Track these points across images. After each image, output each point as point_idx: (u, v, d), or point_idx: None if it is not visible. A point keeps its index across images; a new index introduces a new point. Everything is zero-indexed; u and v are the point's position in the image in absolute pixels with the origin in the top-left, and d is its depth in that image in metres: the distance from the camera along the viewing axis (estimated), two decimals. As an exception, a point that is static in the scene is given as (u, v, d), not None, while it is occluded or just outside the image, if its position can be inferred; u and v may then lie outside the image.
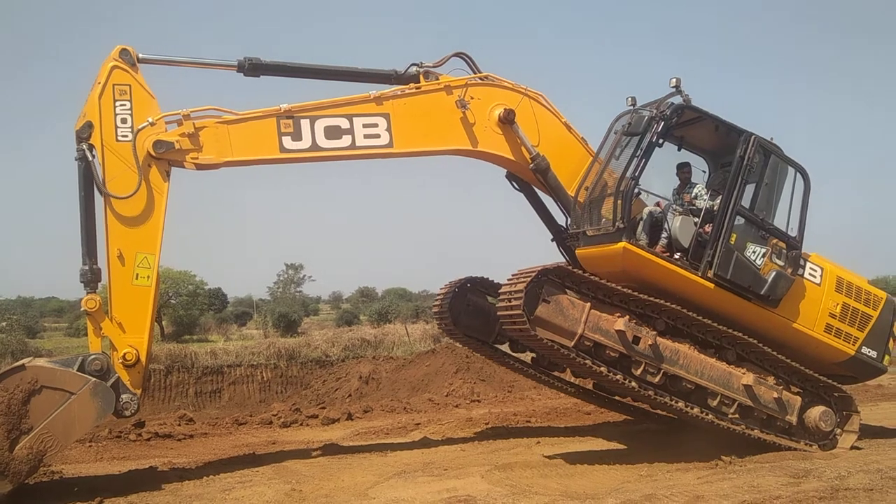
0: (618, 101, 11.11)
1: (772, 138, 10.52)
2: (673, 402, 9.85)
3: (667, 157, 10.89)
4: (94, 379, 8.64)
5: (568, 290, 9.48)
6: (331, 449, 11.67)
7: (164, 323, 39.98)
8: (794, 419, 10.30)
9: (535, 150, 10.72)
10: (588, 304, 9.46)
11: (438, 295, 12.78)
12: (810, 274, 10.72)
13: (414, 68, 10.69)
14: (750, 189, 10.31)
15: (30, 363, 8.68)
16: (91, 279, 8.98)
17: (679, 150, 11.18)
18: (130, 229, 9.04)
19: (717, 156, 11.39)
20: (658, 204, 10.69)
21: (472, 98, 10.53)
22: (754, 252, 10.18)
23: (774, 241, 10.36)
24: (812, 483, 8.42)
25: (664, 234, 10.34)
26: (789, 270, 10.36)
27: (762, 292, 10.16)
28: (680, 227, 10.26)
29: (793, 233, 10.47)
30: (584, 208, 10.68)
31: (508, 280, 9.58)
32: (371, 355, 23.03)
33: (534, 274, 9.17)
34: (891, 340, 11.15)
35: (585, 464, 10.00)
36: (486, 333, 12.51)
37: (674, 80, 10.12)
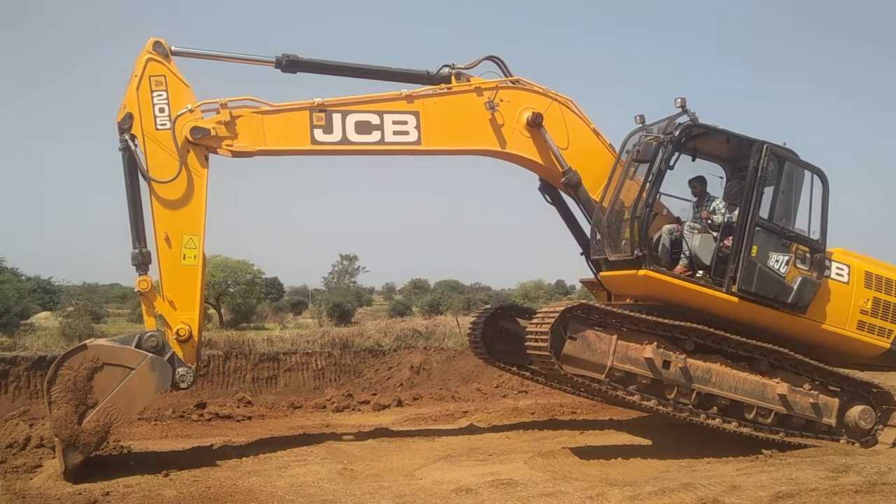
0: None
1: (785, 143, 10.45)
2: (709, 420, 9.89)
3: (685, 165, 10.86)
4: (151, 354, 9.17)
5: (593, 325, 9.51)
6: (381, 433, 12.12)
7: (222, 310, 41.00)
8: (833, 421, 10.31)
9: (566, 164, 10.83)
10: (615, 336, 9.51)
11: (470, 325, 13.05)
12: (837, 273, 10.65)
13: (446, 69, 10.95)
14: (767, 198, 10.22)
15: (91, 343, 9.23)
16: (142, 262, 9.50)
17: (693, 160, 11.08)
18: (174, 212, 9.50)
19: (733, 161, 11.30)
20: (677, 219, 10.76)
21: (501, 101, 10.71)
22: (777, 261, 10.12)
23: (797, 246, 10.26)
24: (850, 477, 8.52)
25: (685, 253, 10.37)
26: (815, 275, 10.29)
27: (789, 301, 10.13)
28: (700, 245, 10.28)
29: (815, 236, 10.38)
30: (604, 232, 10.72)
31: (533, 320, 9.70)
32: (422, 346, 23.33)
33: (557, 313, 9.24)
34: None
35: (627, 454, 10.23)
36: (522, 357, 12.53)
37: (679, 99, 10.10)
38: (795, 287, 10.15)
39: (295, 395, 18.24)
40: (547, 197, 11.92)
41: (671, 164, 10.08)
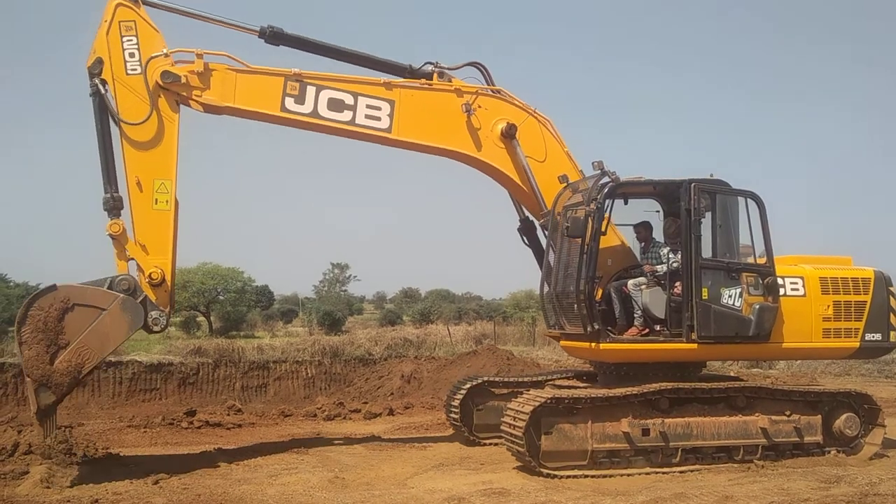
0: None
1: (712, 174, 10.29)
2: (699, 469, 9.78)
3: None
4: (122, 295, 9.13)
5: (565, 413, 9.40)
6: (372, 441, 12.10)
7: (212, 318, 40.85)
8: (819, 438, 10.25)
9: (546, 206, 10.82)
10: (588, 421, 9.42)
11: (446, 407, 12.68)
12: (792, 289, 10.40)
13: (429, 66, 10.94)
14: (707, 234, 10.02)
15: (61, 284, 9.10)
16: (113, 206, 9.43)
17: (626, 203, 10.86)
18: (145, 154, 9.47)
19: (666, 195, 10.95)
20: (626, 269, 10.77)
21: (479, 107, 10.72)
22: (730, 296, 9.91)
23: (746, 275, 10.06)
24: (842, 488, 8.53)
25: (637, 312, 10.31)
26: (770, 299, 10.10)
27: (750, 333, 9.98)
28: (650, 300, 10.21)
29: (762, 259, 10.25)
30: (553, 301, 10.64)
31: (505, 419, 9.61)
32: (413, 355, 23.36)
33: (527, 415, 9.14)
34: (891, 315, 10.81)
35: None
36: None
37: (596, 163, 9.94)
38: (754, 318, 9.95)
39: (285, 403, 18.18)
40: (525, 239, 11.91)
41: (604, 230, 10.07)
